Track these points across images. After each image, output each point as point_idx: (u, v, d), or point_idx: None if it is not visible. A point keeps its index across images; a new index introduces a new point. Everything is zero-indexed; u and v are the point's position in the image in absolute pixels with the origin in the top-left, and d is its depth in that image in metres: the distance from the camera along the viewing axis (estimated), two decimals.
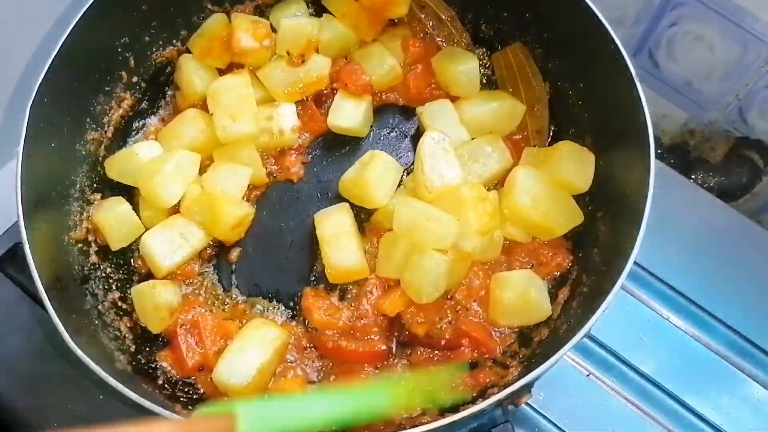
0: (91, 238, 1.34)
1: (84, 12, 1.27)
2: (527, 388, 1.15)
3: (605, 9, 1.59)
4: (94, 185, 1.38)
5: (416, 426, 0.99)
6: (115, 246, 1.33)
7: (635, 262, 1.44)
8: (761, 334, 1.42)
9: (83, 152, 1.37)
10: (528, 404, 1.35)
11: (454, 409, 1.11)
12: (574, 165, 1.29)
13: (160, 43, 1.48)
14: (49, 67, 1.23)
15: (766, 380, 1.38)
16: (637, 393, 1.37)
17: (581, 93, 1.38)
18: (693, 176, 1.65)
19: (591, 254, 1.26)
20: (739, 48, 1.47)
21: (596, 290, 1.15)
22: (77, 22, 1.27)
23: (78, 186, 1.35)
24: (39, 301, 1.09)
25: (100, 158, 1.40)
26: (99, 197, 1.37)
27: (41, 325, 1.10)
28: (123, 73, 1.43)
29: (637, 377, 1.39)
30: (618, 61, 1.22)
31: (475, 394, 1.19)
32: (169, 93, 1.52)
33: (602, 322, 1.37)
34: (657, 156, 1.62)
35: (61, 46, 1.25)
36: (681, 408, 1.36)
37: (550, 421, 1.35)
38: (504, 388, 1.04)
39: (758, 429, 1.35)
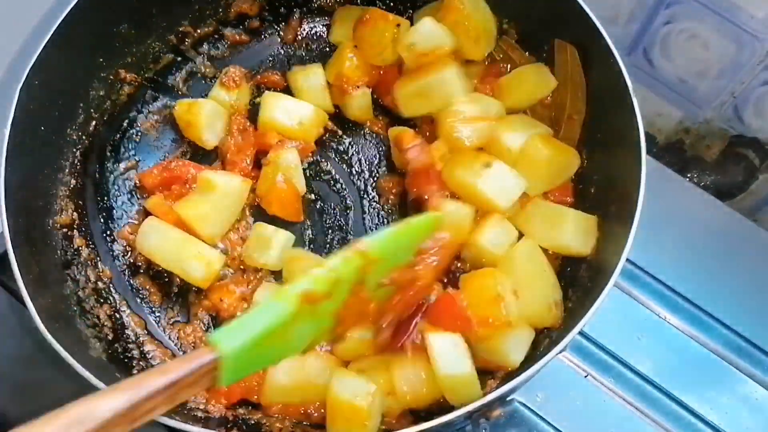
0: (76, 222, 1.33)
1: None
2: (499, 401, 1.14)
3: (599, 7, 1.59)
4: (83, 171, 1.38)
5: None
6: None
7: (633, 262, 1.46)
8: (759, 333, 1.41)
9: (74, 137, 1.36)
10: (526, 406, 1.34)
11: (427, 417, 1.10)
12: (578, 234, 1.26)
13: (160, 31, 1.47)
14: (43, 48, 1.21)
15: (765, 379, 1.38)
16: (636, 393, 1.37)
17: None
18: (689, 175, 1.65)
19: (579, 269, 1.26)
20: (734, 46, 1.46)
21: (580, 306, 1.14)
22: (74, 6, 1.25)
23: (66, 171, 1.34)
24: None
25: (91, 145, 1.39)
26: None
27: (33, 331, 1.10)
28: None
29: (636, 377, 1.38)
30: (613, 68, 1.21)
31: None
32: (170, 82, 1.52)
33: (600, 323, 1.39)
34: (652, 155, 1.63)
35: (54, 32, 1.23)
36: (679, 408, 1.35)
37: (549, 423, 1.33)
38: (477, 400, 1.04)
39: (757, 428, 1.34)
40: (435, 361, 1.14)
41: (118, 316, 1.32)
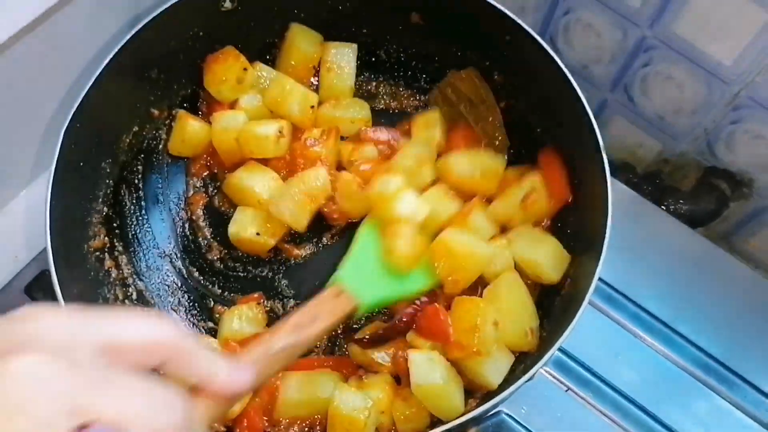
0: (107, 246, 1.42)
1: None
2: (472, 423, 1.23)
3: (583, 50, 1.70)
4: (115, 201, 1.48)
5: None
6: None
7: (610, 285, 1.56)
8: (726, 352, 1.50)
9: (108, 170, 1.45)
10: (512, 417, 1.44)
11: None
12: (552, 259, 1.37)
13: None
14: (83, 98, 1.31)
15: (730, 395, 1.47)
16: (613, 407, 1.45)
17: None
18: (665, 204, 1.72)
19: (554, 301, 1.35)
20: (705, 88, 1.56)
21: (553, 335, 1.23)
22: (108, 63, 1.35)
23: (100, 200, 1.44)
24: None
25: (123, 176, 1.50)
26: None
27: None
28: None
29: (612, 392, 1.47)
30: (587, 131, 1.30)
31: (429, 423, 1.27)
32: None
33: (580, 342, 1.48)
34: (632, 184, 1.73)
35: (90, 86, 1.32)
36: (652, 421, 1.45)
37: None
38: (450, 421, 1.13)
39: None
40: (411, 375, 1.25)
41: None
